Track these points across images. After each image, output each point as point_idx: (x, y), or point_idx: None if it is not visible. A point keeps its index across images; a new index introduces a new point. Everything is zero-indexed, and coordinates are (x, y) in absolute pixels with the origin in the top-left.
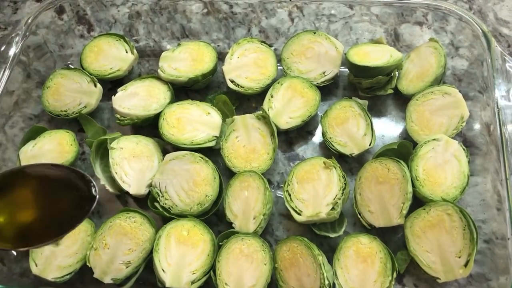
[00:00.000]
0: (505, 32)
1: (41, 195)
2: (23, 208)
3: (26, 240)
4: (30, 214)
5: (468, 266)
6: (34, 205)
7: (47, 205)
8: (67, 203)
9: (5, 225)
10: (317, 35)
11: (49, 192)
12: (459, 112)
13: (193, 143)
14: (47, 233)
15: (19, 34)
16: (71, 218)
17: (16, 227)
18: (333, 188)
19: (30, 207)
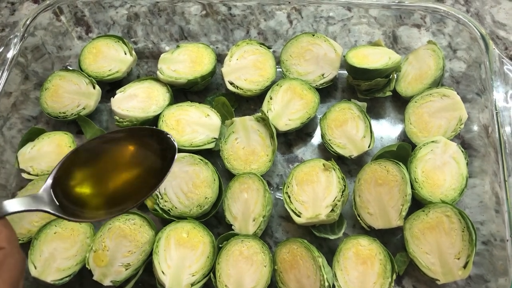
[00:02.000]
0: (502, 34)
1: (125, 158)
2: (108, 175)
3: (117, 205)
4: (117, 179)
5: (467, 267)
6: (119, 170)
7: (133, 166)
8: (149, 159)
9: (94, 195)
10: (316, 37)
11: (131, 153)
12: (458, 114)
13: (192, 145)
14: (137, 192)
15: (17, 36)
16: (157, 172)
17: (105, 195)
18: (332, 190)
19: (116, 173)
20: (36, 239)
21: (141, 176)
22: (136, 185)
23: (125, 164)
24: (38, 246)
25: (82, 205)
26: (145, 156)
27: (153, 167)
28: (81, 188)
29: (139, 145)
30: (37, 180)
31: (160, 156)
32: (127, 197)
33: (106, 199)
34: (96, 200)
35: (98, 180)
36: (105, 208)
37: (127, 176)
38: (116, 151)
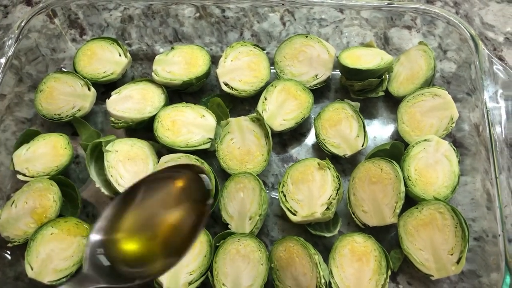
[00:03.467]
0: (490, 35)
1: (168, 200)
2: (154, 222)
3: (147, 266)
4: (164, 225)
5: (460, 263)
6: (164, 214)
7: (164, 220)
8: (183, 212)
9: (145, 246)
10: (309, 39)
11: (163, 205)
12: (449, 113)
13: (188, 145)
14: (169, 252)
15: (11, 38)
16: (191, 228)
17: (155, 244)
18: (327, 188)
19: (161, 218)
20: (33, 240)
21: (184, 217)
22: (182, 227)
23: (168, 206)
24: (35, 247)
25: (135, 260)
26: (185, 194)
27: (192, 205)
28: (130, 242)
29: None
30: (33, 181)
31: (195, 193)
32: (177, 242)
33: (158, 248)
34: (148, 252)
35: (144, 229)
36: (160, 258)
37: (172, 219)
38: (157, 193)
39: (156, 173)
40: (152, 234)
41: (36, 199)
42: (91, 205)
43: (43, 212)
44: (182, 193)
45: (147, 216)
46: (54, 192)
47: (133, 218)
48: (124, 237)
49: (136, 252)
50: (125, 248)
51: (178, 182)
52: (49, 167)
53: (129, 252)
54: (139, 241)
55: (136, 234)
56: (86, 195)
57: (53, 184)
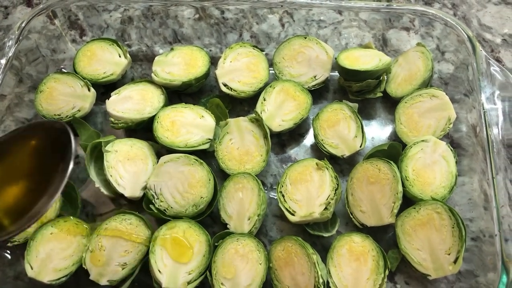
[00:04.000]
0: (488, 37)
1: (17, 163)
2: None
3: (18, 217)
4: (13, 188)
5: (457, 262)
6: (13, 177)
7: (28, 171)
8: (45, 159)
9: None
10: (308, 40)
11: (21, 159)
12: (447, 114)
13: (188, 145)
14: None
15: (11, 39)
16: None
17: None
18: (325, 188)
19: (11, 181)
20: (33, 240)
21: (39, 181)
22: (35, 192)
23: (18, 170)
24: (35, 247)
25: None
26: (40, 156)
27: (50, 170)
28: None
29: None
30: None
31: (56, 154)
32: (28, 206)
33: (6, 212)
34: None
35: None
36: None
37: (24, 184)
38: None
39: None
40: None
41: None
42: (91, 205)
43: None
44: (39, 152)
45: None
46: None
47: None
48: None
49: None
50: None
51: (31, 140)
52: None
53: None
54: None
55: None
56: (86, 195)
57: None
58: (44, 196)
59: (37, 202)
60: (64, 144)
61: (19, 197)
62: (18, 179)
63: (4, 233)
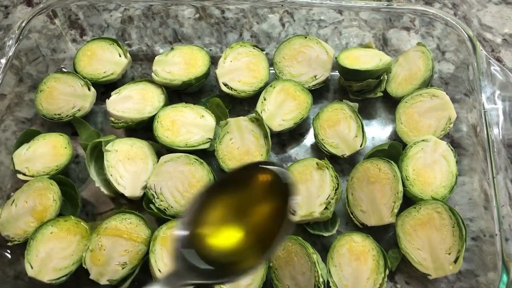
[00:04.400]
0: (488, 37)
1: (253, 196)
2: (225, 224)
3: (236, 262)
4: (235, 232)
5: (458, 262)
6: (238, 220)
7: (251, 215)
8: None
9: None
10: (308, 40)
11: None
12: (447, 114)
13: (188, 145)
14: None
15: (12, 38)
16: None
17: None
18: (326, 188)
19: (232, 224)
20: (33, 239)
21: (269, 213)
22: (268, 223)
23: (253, 202)
24: (35, 246)
25: (223, 256)
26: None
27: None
28: (217, 236)
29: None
30: (33, 181)
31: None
32: (265, 238)
33: (245, 244)
34: (236, 247)
35: (230, 224)
36: (249, 254)
37: (258, 215)
38: (241, 190)
39: (236, 171)
40: (239, 229)
41: (36, 198)
42: (91, 205)
43: (43, 211)
44: (265, 189)
45: (233, 211)
46: (54, 191)
47: (219, 212)
48: (211, 232)
49: (224, 247)
50: (212, 243)
51: (260, 178)
52: (49, 166)
53: (217, 247)
54: (227, 236)
55: (223, 229)
56: (86, 195)
57: (53, 183)
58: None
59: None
60: (283, 182)
61: (252, 233)
62: (248, 217)
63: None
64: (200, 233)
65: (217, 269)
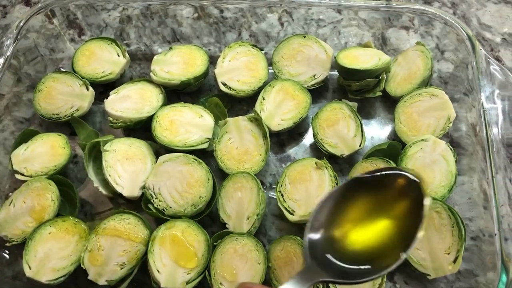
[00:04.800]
0: (488, 36)
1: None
2: (365, 225)
3: (371, 262)
4: (374, 230)
5: (457, 262)
6: (374, 219)
7: (386, 216)
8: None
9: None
10: (307, 39)
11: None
12: (446, 113)
13: (186, 145)
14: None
15: (10, 38)
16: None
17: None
18: (325, 188)
19: (372, 222)
20: (31, 240)
21: (404, 215)
22: (402, 224)
23: (387, 204)
24: (33, 246)
25: (358, 255)
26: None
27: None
28: (351, 235)
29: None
30: (31, 181)
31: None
32: (399, 238)
33: (381, 243)
34: (370, 246)
35: (365, 224)
36: (384, 254)
37: (393, 215)
38: (374, 191)
39: (369, 173)
40: (375, 228)
41: (34, 198)
42: (89, 205)
43: (41, 211)
44: (396, 189)
45: (367, 211)
46: (52, 191)
47: (353, 213)
48: (344, 233)
49: (358, 246)
50: (347, 244)
51: (390, 178)
52: (47, 166)
53: (351, 248)
54: (361, 235)
55: (357, 228)
56: (84, 195)
57: (51, 183)
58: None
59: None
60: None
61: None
62: (381, 220)
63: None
64: (333, 235)
65: (352, 268)
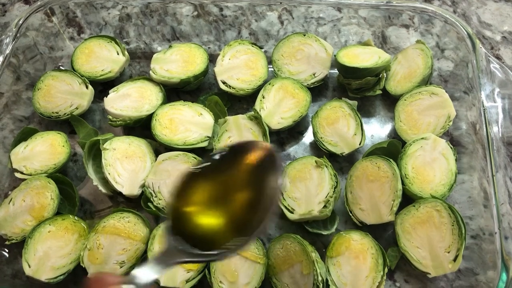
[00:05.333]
0: (488, 34)
1: (237, 180)
2: (224, 200)
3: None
4: (235, 204)
5: (457, 260)
6: (234, 194)
7: (236, 196)
8: (257, 178)
9: (216, 224)
10: (307, 37)
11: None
12: (446, 111)
13: (186, 143)
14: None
15: (9, 36)
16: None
17: (226, 223)
18: (325, 186)
19: (232, 197)
20: (30, 238)
21: (256, 194)
22: (253, 204)
23: (240, 183)
24: (33, 245)
25: (204, 237)
26: (253, 174)
27: (262, 187)
28: (201, 218)
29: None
30: (31, 179)
31: (264, 172)
32: (249, 223)
33: (230, 225)
34: (220, 228)
35: (216, 207)
36: (231, 236)
37: (244, 196)
38: (227, 169)
39: (225, 150)
40: (224, 209)
41: (34, 197)
42: (89, 203)
43: (40, 210)
44: (253, 170)
45: (218, 191)
46: (52, 190)
47: (204, 193)
48: (195, 211)
49: (209, 227)
50: (198, 222)
51: (248, 158)
52: (47, 165)
53: (202, 226)
54: (211, 215)
55: (208, 208)
56: (84, 193)
57: (51, 182)
58: (265, 212)
59: (257, 218)
60: (272, 162)
61: (240, 213)
62: (236, 196)
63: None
64: (186, 212)
65: (203, 251)
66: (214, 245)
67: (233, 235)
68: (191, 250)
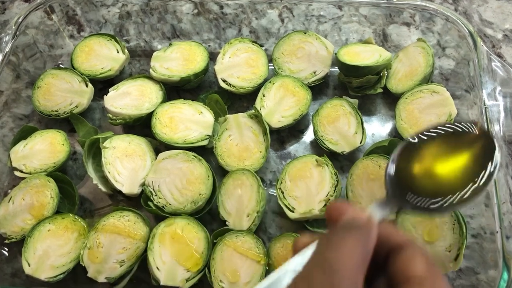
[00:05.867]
0: (489, 32)
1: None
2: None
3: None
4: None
5: (458, 260)
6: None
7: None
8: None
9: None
10: (308, 35)
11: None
12: (447, 110)
13: (186, 142)
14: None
15: (8, 34)
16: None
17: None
18: (325, 185)
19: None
20: (30, 237)
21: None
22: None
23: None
24: (32, 244)
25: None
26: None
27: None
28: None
29: None
30: (30, 178)
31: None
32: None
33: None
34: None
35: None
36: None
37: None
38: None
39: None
40: (447, 170)
41: (33, 195)
42: (89, 202)
43: (40, 208)
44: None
45: (441, 154)
46: (52, 188)
47: (426, 154)
48: (422, 169)
49: (434, 183)
50: (423, 178)
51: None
52: (47, 163)
53: (427, 182)
54: (436, 172)
55: (434, 166)
56: (84, 192)
57: (51, 180)
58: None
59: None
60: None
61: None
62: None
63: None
64: (409, 175)
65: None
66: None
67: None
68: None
